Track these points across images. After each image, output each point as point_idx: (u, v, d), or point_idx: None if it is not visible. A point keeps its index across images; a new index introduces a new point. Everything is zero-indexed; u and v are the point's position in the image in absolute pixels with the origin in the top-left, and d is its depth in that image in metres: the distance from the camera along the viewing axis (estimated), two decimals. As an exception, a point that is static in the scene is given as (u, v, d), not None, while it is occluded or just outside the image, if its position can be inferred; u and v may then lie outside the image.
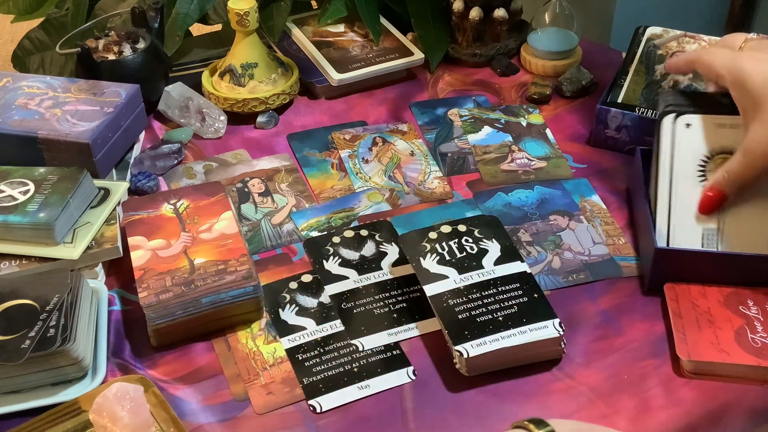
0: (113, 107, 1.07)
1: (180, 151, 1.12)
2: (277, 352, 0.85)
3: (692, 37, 1.16)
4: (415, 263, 0.88)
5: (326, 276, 0.93)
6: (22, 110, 1.07)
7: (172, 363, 0.85)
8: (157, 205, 0.96)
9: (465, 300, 0.84)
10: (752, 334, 0.82)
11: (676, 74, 1.09)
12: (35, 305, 0.81)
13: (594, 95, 1.23)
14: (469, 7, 1.28)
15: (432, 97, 1.25)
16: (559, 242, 0.97)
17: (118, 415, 0.70)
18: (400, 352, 0.85)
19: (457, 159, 1.12)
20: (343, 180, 1.09)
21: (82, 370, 0.80)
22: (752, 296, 0.86)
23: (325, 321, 0.88)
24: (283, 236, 1.00)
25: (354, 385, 0.81)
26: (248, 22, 1.15)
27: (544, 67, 1.27)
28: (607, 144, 1.12)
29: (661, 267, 0.88)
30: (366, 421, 0.78)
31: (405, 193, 1.06)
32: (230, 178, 1.08)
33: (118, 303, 0.92)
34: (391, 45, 1.29)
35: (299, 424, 0.78)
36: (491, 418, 0.78)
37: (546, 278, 0.92)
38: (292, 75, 1.22)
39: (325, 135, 1.17)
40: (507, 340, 0.80)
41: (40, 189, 0.94)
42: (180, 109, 1.18)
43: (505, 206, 1.03)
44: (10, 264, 0.90)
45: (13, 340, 0.77)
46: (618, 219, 1.00)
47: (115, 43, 1.19)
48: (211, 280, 0.85)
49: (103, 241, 0.93)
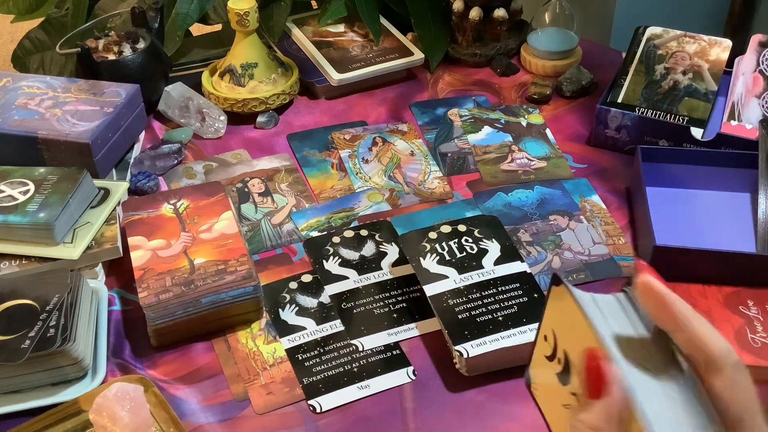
0: (113, 107, 1.07)
1: (180, 151, 1.12)
2: (277, 352, 0.85)
3: (692, 37, 1.16)
4: (415, 263, 0.88)
5: (326, 276, 0.93)
6: (22, 110, 1.07)
7: (172, 363, 0.85)
8: (157, 205, 0.96)
9: (465, 300, 0.84)
10: (752, 334, 0.82)
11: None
12: (35, 305, 0.81)
13: (594, 95, 1.23)
14: (469, 7, 1.28)
15: (432, 97, 1.25)
16: (559, 242, 0.97)
17: (118, 415, 0.70)
18: (400, 352, 0.85)
19: (457, 159, 1.12)
20: (343, 180, 1.09)
21: (82, 370, 0.80)
22: (752, 296, 0.86)
23: (325, 321, 0.88)
24: (283, 236, 1.00)
25: (354, 385, 0.81)
26: (248, 22, 1.15)
27: (544, 67, 1.27)
28: (607, 144, 1.12)
29: (661, 264, 0.87)
30: (366, 421, 0.78)
31: (405, 193, 1.06)
32: (230, 178, 1.08)
33: (118, 303, 0.92)
34: (391, 45, 1.29)
35: (299, 424, 0.78)
36: (491, 418, 0.78)
37: (546, 278, 0.92)
38: (292, 75, 1.22)
39: (325, 135, 1.17)
40: (507, 340, 0.80)
41: (40, 189, 0.94)
42: (180, 109, 1.18)
43: (505, 206, 1.03)
44: (10, 264, 0.90)
45: (13, 340, 0.77)
46: (618, 219, 1.00)
47: (115, 43, 1.19)
48: (211, 280, 0.85)
49: (103, 241, 0.93)
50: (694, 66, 1.14)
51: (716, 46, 1.15)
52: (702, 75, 1.13)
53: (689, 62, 1.14)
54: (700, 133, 1.07)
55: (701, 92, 1.11)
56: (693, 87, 1.11)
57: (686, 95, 1.11)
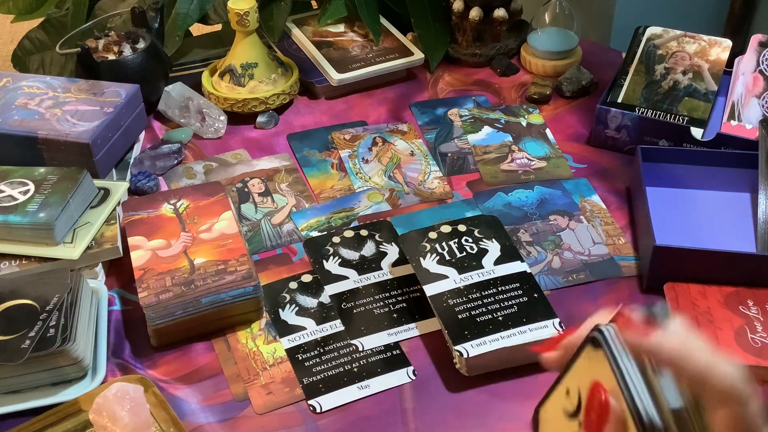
0: (113, 107, 1.07)
1: (180, 151, 1.12)
2: (277, 352, 0.85)
3: (692, 37, 1.16)
4: (415, 263, 0.88)
5: (326, 276, 0.93)
6: (22, 110, 1.07)
7: (172, 363, 0.85)
8: (157, 205, 0.96)
9: (465, 300, 0.84)
10: (752, 334, 0.82)
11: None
12: (35, 305, 0.81)
13: (594, 95, 1.23)
14: (469, 7, 1.28)
15: (432, 97, 1.25)
16: (559, 242, 0.97)
17: (118, 415, 0.70)
18: (400, 352, 0.85)
19: (457, 159, 1.12)
20: (343, 180, 1.09)
21: (82, 370, 0.80)
22: (752, 296, 0.86)
23: (325, 321, 0.88)
24: (283, 236, 1.00)
25: (354, 385, 0.81)
26: (248, 22, 1.15)
27: (544, 67, 1.27)
28: (607, 144, 1.12)
29: (660, 264, 0.88)
30: (366, 421, 0.78)
31: (405, 193, 1.06)
32: (230, 178, 1.08)
33: (118, 303, 0.92)
34: (391, 45, 1.29)
35: (299, 424, 0.78)
36: (491, 418, 0.78)
37: (546, 278, 0.92)
38: (292, 75, 1.22)
39: (325, 135, 1.17)
40: (507, 339, 0.80)
41: (40, 189, 0.94)
42: (180, 109, 1.18)
43: (505, 206, 1.03)
44: (10, 264, 0.90)
45: (13, 340, 0.77)
46: (618, 219, 1.00)
47: (115, 43, 1.19)
48: (211, 280, 0.85)
49: (103, 241, 0.93)
50: (694, 66, 1.14)
51: (716, 46, 1.15)
52: (702, 75, 1.13)
53: (689, 62, 1.14)
54: (700, 133, 1.07)
55: (701, 92, 1.11)
56: (693, 87, 1.11)
57: (686, 95, 1.11)
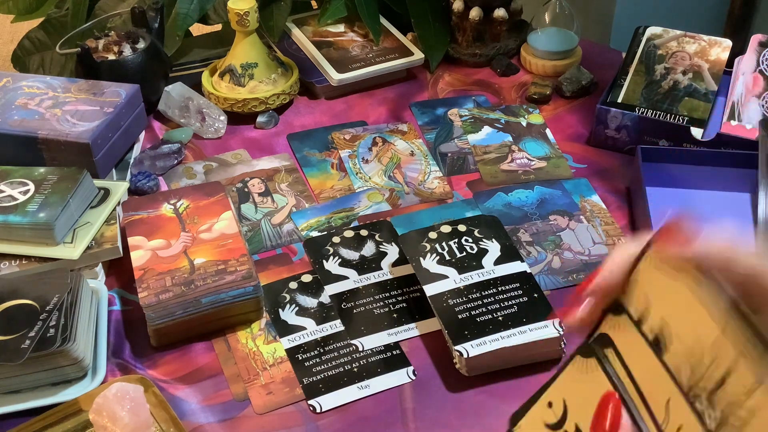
0: (113, 107, 1.07)
1: (180, 151, 1.12)
2: (277, 352, 0.85)
3: (692, 37, 1.16)
4: (415, 263, 0.88)
5: (326, 276, 0.93)
6: (22, 110, 1.07)
7: (172, 363, 0.85)
8: (157, 205, 0.96)
9: (465, 300, 0.84)
10: (752, 334, 0.82)
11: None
12: (35, 305, 0.81)
13: (594, 95, 1.23)
14: (469, 7, 1.28)
15: (432, 97, 1.25)
16: (559, 242, 0.97)
17: (118, 415, 0.70)
18: (400, 352, 0.85)
19: (457, 159, 1.12)
20: (343, 180, 1.09)
21: (82, 370, 0.80)
22: (752, 296, 0.86)
23: (325, 321, 0.88)
24: (283, 236, 1.00)
25: (354, 385, 0.81)
26: (248, 22, 1.15)
27: (544, 67, 1.27)
28: (607, 144, 1.12)
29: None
30: (366, 421, 0.78)
31: (405, 193, 1.06)
32: (230, 178, 1.08)
33: (118, 303, 0.92)
34: (391, 45, 1.29)
35: (299, 424, 0.78)
36: (491, 418, 0.78)
37: (546, 278, 0.92)
38: (292, 75, 1.22)
39: (325, 135, 1.17)
40: (507, 340, 0.80)
41: (40, 189, 0.94)
42: (180, 109, 1.18)
43: (505, 206, 1.03)
44: (10, 264, 0.90)
45: (13, 340, 0.77)
46: (618, 219, 1.00)
47: (115, 43, 1.19)
48: (211, 280, 0.85)
49: (103, 241, 0.93)
50: (694, 66, 1.14)
51: (716, 46, 1.15)
52: (702, 75, 1.13)
53: (689, 62, 1.14)
54: (700, 133, 1.07)
55: (701, 92, 1.11)
56: (693, 87, 1.11)
57: (686, 95, 1.11)
